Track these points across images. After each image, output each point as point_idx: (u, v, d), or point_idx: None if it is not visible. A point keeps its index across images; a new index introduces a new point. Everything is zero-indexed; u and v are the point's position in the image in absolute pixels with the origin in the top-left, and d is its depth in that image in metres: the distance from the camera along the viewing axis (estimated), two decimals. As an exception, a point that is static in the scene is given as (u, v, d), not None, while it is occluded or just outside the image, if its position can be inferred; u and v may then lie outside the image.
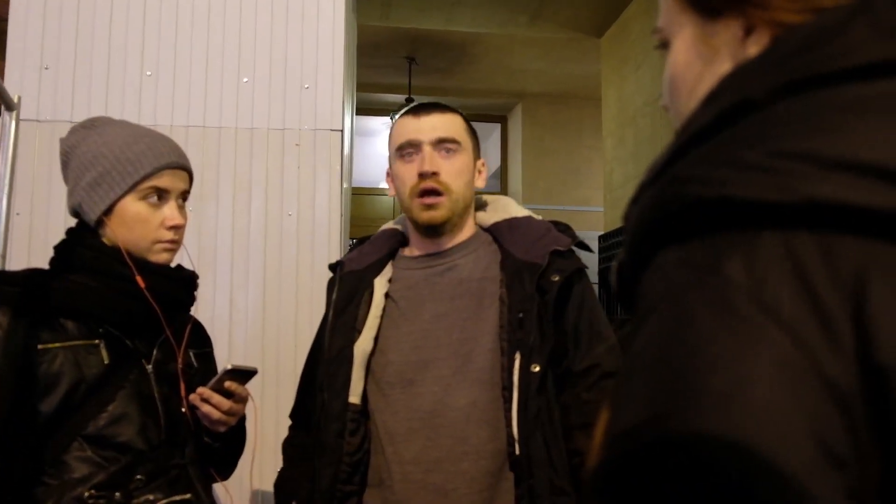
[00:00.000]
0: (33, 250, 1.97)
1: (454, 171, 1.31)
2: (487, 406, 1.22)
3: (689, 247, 0.36)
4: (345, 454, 1.25)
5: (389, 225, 1.48)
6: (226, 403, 1.22)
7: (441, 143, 1.31)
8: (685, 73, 0.49)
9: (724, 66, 0.45)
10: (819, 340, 0.31)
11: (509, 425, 1.19)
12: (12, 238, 1.91)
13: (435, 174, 1.29)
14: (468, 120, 1.40)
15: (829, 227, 0.33)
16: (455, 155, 1.32)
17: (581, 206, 5.75)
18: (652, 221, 0.39)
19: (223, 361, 1.40)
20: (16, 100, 1.76)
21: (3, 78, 2.02)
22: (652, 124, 3.84)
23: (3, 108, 1.77)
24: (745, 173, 0.35)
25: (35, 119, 2.03)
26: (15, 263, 1.80)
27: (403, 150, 1.33)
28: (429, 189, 1.29)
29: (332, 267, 1.44)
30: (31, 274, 1.17)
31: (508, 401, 1.20)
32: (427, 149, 1.30)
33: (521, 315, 1.22)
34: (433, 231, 1.33)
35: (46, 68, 2.07)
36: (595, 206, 5.47)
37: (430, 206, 1.30)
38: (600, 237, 4.67)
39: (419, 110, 1.36)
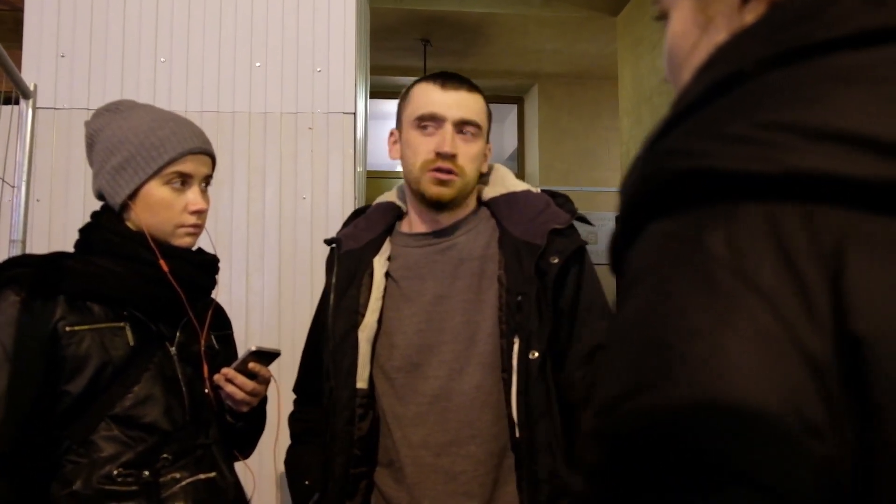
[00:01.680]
0: (53, 236, 2.00)
1: (471, 156, 1.28)
2: (491, 389, 1.22)
3: (672, 220, 0.36)
4: (355, 440, 1.26)
5: (385, 198, 1.44)
6: (249, 384, 1.24)
7: (463, 125, 1.28)
8: (682, 44, 0.48)
9: (720, 35, 0.44)
10: (797, 311, 0.31)
11: (509, 407, 1.19)
12: (33, 224, 1.94)
13: (453, 156, 1.26)
14: (486, 101, 1.35)
15: (812, 199, 0.33)
16: (474, 140, 1.29)
17: (598, 186, 5.72)
18: (639, 195, 0.39)
19: (241, 345, 1.43)
20: (32, 88, 1.79)
21: (20, 67, 2.04)
22: (668, 103, 3.80)
23: (20, 96, 1.79)
24: (729, 145, 0.34)
25: (52, 107, 2.06)
26: (36, 249, 1.84)
27: (424, 120, 1.28)
28: (445, 168, 1.26)
29: (329, 242, 1.41)
30: (50, 256, 1.19)
31: (508, 383, 1.19)
32: (449, 128, 1.26)
33: (519, 298, 1.21)
34: (438, 207, 1.30)
35: (63, 56, 2.10)
36: (612, 187, 5.43)
37: (442, 182, 1.26)
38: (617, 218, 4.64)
39: (446, 82, 1.30)
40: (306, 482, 1.31)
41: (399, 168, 1.39)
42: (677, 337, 0.33)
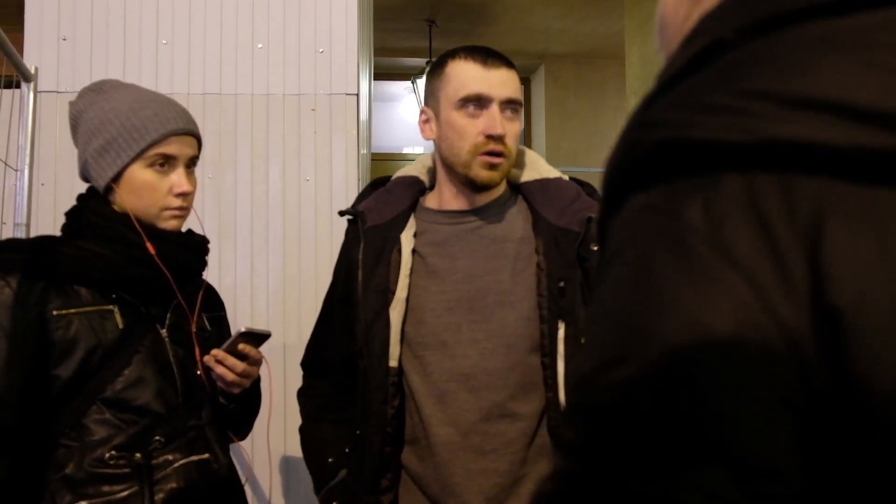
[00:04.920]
0: (59, 219, 1.98)
1: (515, 136, 1.26)
2: (525, 371, 1.21)
3: (652, 193, 0.36)
4: (389, 418, 1.25)
5: (406, 172, 1.41)
6: (240, 365, 1.23)
7: (508, 104, 1.25)
8: (674, 15, 0.47)
9: (708, 4, 0.44)
10: (773, 283, 0.31)
11: (550, 390, 1.19)
12: (39, 208, 1.94)
13: (503, 137, 1.24)
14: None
15: (790, 168, 0.32)
16: (516, 118, 1.27)
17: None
18: (620, 168, 0.39)
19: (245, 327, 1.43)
20: (33, 71, 1.78)
21: (22, 51, 2.04)
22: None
23: (21, 79, 1.79)
24: (708, 115, 0.34)
25: (55, 90, 2.06)
26: (41, 232, 1.84)
27: (469, 101, 1.24)
28: (497, 151, 1.24)
29: (345, 213, 1.38)
30: (40, 241, 1.19)
31: (549, 367, 1.19)
32: (496, 108, 1.23)
33: (562, 284, 1.20)
34: (485, 189, 1.28)
35: (64, 39, 2.09)
36: (620, 168, 5.39)
37: (493, 167, 1.24)
38: (625, 198, 4.61)
39: (487, 59, 1.26)
40: (330, 459, 1.31)
41: (406, 150, 1.37)
42: (652, 309, 0.32)
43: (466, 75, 1.25)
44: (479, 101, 1.24)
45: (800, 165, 0.32)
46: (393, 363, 1.26)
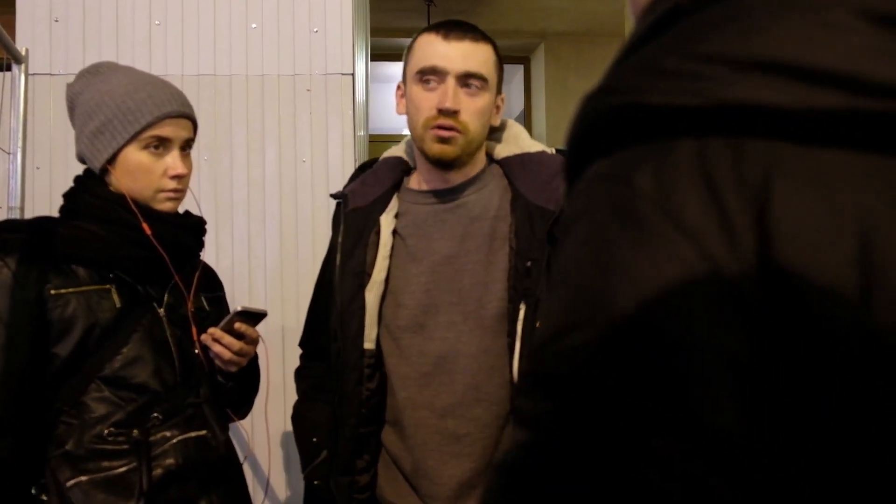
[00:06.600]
0: (54, 202, 1.98)
1: (475, 111, 1.22)
2: (499, 353, 1.21)
3: (608, 160, 0.36)
4: (364, 400, 1.26)
5: (392, 152, 1.40)
6: (236, 344, 1.24)
7: (467, 78, 1.21)
8: None
9: None
10: (721, 247, 0.31)
11: (512, 372, 1.18)
12: (35, 192, 1.94)
13: (455, 112, 1.21)
14: (498, 49, 1.28)
15: (741, 131, 0.32)
16: (479, 94, 1.22)
17: (606, 147, 5.65)
18: (579, 136, 0.38)
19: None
20: (23, 52, 1.77)
21: (14, 32, 2.02)
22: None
23: (12, 62, 1.78)
24: (661, 80, 0.34)
25: (48, 73, 2.05)
26: (37, 215, 1.84)
27: (425, 74, 1.23)
28: (446, 126, 1.21)
29: (335, 197, 1.38)
30: (38, 221, 1.20)
31: (512, 348, 1.18)
32: (451, 82, 1.20)
33: (528, 263, 1.19)
34: (442, 166, 1.25)
35: (56, 21, 2.08)
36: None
37: (444, 140, 1.21)
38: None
39: (449, 32, 1.23)
40: (314, 439, 1.32)
41: (405, 132, 1.36)
42: (604, 275, 0.32)
43: (426, 48, 1.24)
44: (435, 74, 1.22)
45: (751, 128, 0.32)
46: (369, 345, 1.25)
